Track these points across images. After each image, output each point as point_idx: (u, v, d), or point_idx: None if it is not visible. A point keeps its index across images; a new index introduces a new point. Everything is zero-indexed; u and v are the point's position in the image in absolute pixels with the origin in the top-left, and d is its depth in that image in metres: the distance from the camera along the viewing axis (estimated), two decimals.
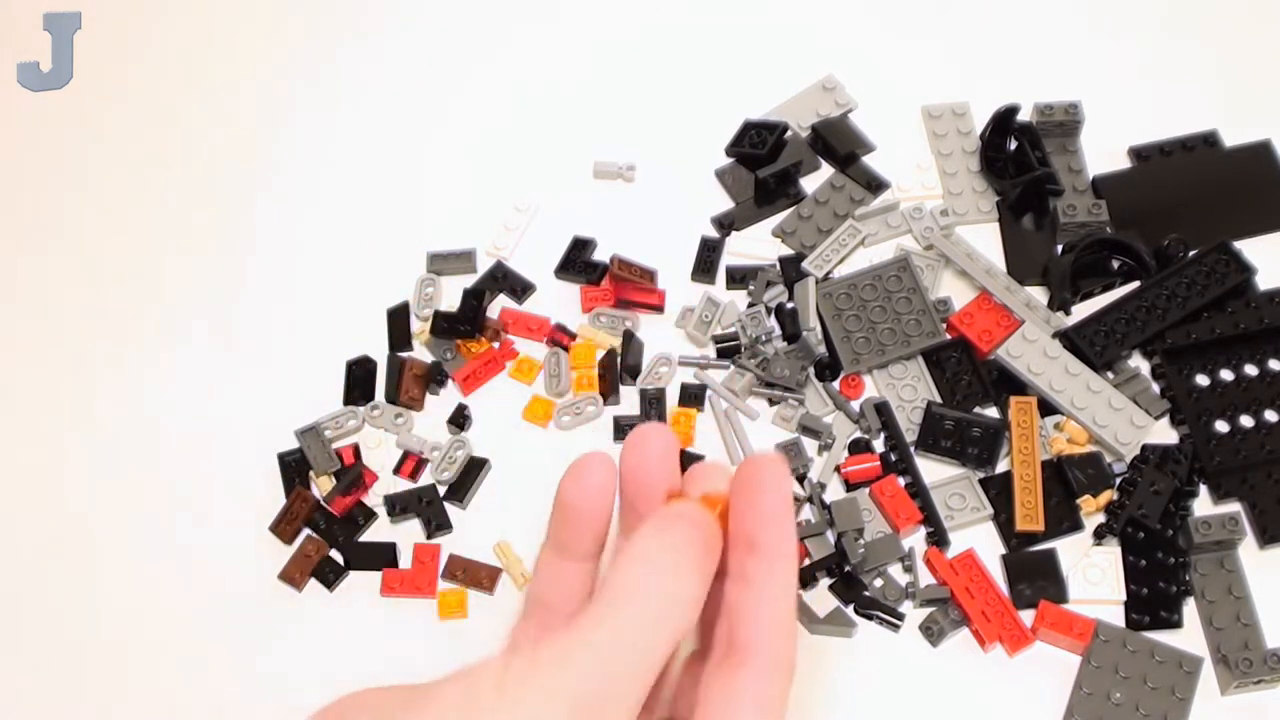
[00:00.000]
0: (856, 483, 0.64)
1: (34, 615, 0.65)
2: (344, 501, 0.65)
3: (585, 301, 0.70)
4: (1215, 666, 0.60)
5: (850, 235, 0.71)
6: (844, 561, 0.62)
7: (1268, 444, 0.64)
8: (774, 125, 0.74)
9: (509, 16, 0.81)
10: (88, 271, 0.74)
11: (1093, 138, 0.74)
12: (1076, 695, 0.59)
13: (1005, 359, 0.66)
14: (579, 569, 0.39)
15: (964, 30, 0.79)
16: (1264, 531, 0.62)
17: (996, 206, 0.72)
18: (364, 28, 0.82)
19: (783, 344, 0.68)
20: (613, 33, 0.80)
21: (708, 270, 0.71)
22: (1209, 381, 0.66)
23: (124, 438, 0.69)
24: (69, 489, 0.68)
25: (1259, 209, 0.71)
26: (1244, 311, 0.67)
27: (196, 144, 0.78)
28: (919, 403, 0.66)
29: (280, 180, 0.76)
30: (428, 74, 0.79)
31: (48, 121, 0.79)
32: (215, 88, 0.80)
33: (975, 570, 0.62)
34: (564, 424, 0.67)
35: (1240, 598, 0.61)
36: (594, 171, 0.75)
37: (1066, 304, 0.68)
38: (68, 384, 0.70)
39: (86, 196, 0.76)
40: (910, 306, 0.68)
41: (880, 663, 0.61)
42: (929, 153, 0.74)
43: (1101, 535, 0.63)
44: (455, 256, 0.72)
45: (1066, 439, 0.65)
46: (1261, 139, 0.73)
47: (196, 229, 0.75)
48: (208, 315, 0.72)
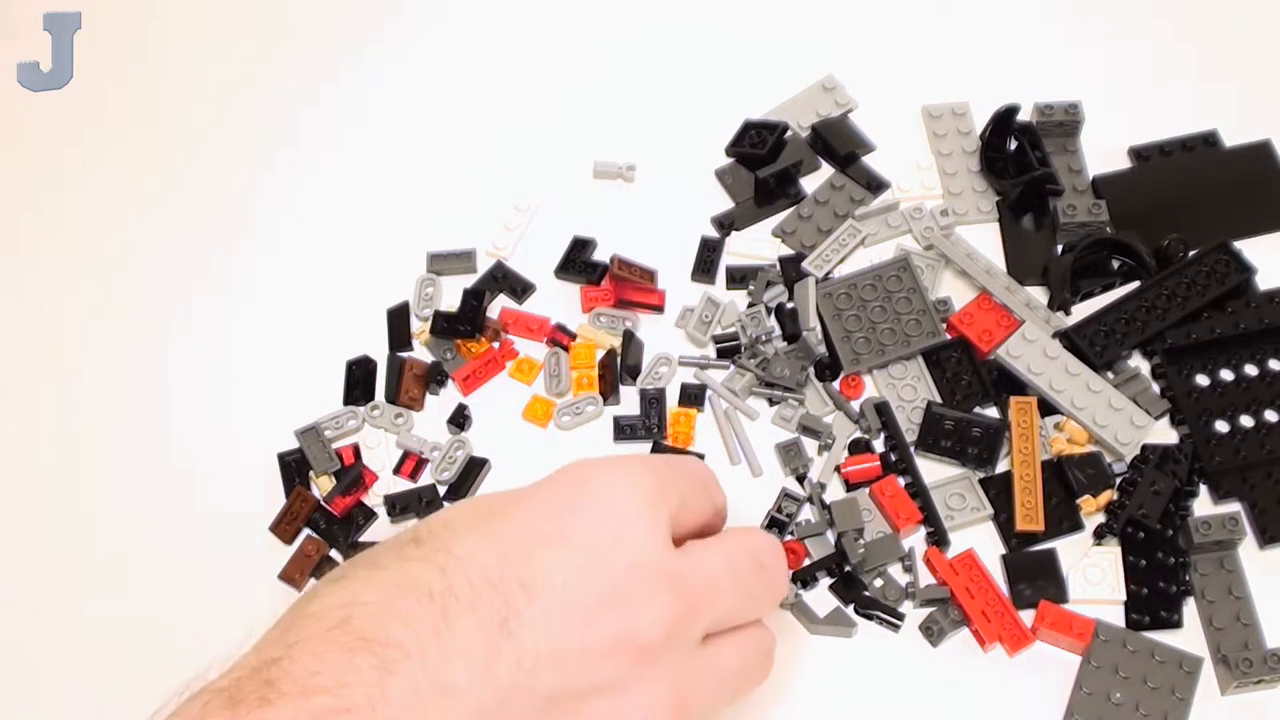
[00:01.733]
0: (856, 483, 0.64)
1: (32, 615, 0.65)
2: (344, 501, 0.65)
3: (585, 301, 0.70)
4: (1215, 666, 0.60)
5: (850, 235, 0.71)
6: (844, 561, 0.62)
7: (1268, 444, 0.64)
8: (774, 125, 0.74)
9: (509, 17, 0.81)
10: (87, 271, 0.74)
11: (1093, 138, 0.74)
12: (1076, 695, 0.59)
13: (1005, 359, 0.66)
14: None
15: (964, 30, 0.79)
16: (1264, 531, 0.62)
17: (996, 206, 0.72)
18: (363, 29, 0.82)
19: (783, 344, 0.68)
20: (613, 33, 0.80)
21: (708, 270, 0.71)
22: (1209, 381, 0.66)
23: (124, 438, 0.69)
24: (68, 489, 0.68)
25: (1259, 209, 0.71)
26: (1244, 311, 0.67)
27: (196, 144, 0.78)
28: (919, 403, 0.66)
29: (280, 180, 0.76)
30: (427, 74, 0.79)
31: (48, 121, 0.79)
32: (215, 88, 0.80)
33: (975, 570, 0.62)
34: (564, 424, 0.67)
35: (1240, 598, 0.61)
36: (594, 171, 0.75)
37: (1066, 304, 0.68)
38: (67, 384, 0.70)
39: (86, 197, 0.76)
40: (910, 306, 0.68)
41: (880, 663, 0.61)
42: (929, 153, 0.74)
43: (1101, 535, 0.63)
44: (455, 256, 0.72)
45: (1066, 439, 0.65)
46: (1261, 139, 0.73)
47: (196, 229, 0.75)
48: (207, 315, 0.72)
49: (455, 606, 0.43)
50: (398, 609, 0.43)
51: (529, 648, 0.43)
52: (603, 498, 0.46)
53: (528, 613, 0.43)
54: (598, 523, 0.46)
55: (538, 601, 0.43)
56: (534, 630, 0.43)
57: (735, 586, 0.48)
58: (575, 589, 0.44)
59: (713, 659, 0.48)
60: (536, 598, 0.43)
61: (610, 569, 0.45)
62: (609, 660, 0.44)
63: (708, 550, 0.48)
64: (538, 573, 0.44)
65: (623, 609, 0.44)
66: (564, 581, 0.44)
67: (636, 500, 0.46)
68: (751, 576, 0.49)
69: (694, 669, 0.47)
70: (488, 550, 0.44)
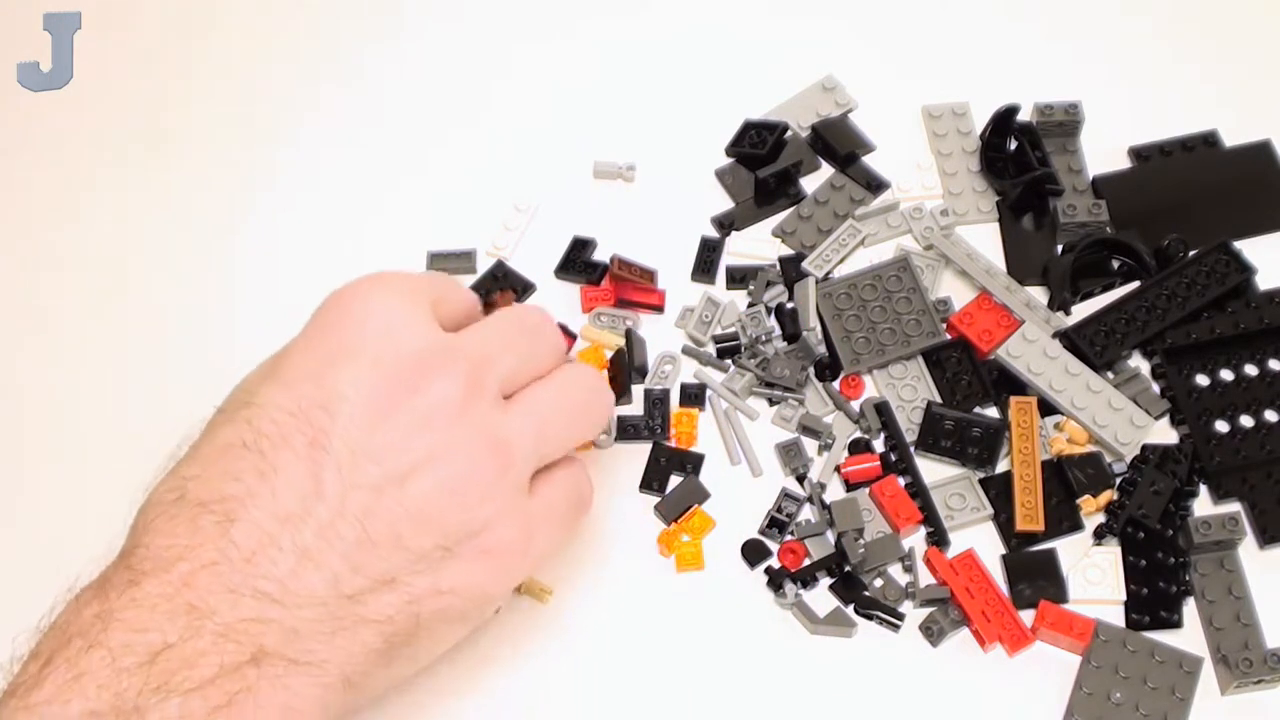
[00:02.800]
0: (856, 483, 0.64)
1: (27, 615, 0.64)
2: None
3: (585, 302, 0.70)
4: (1215, 666, 0.60)
5: (850, 235, 0.71)
6: (844, 561, 0.62)
7: (1268, 444, 0.64)
8: (774, 125, 0.74)
9: (509, 17, 0.81)
10: (87, 271, 0.74)
11: (1093, 138, 0.74)
12: (1076, 695, 0.59)
13: (1005, 359, 0.66)
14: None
15: (964, 30, 0.79)
16: (1264, 531, 0.62)
17: (996, 206, 0.72)
18: (363, 29, 0.82)
19: (783, 344, 0.68)
20: (613, 33, 0.80)
21: (708, 270, 0.71)
22: (1209, 381, 0.66)
23: (124, 438, 0.68)
24: (68, 489, 0.67)
25: (1259, 209, 0.71)
26: (1244, 311, 0.67)
27: (196, 145, 0.78)
28: (919, 403, 0.66)
29: (280, 180, 0.76)
30: (428, 74, 0.79)
31: (48, 121, 0.79)
32: (215, 89, 0.80)
33: (975, 570, 0.62)
34: (601, 443, 0.66)
35: (1240, 598, 0.61)
36: (594, 171, 0.75)
37: (1066, 304, 0.68)
38: (66, 385, 0.70)
39: (86, 197, 0.76)
40: (910, 306, 0.68)
41: (880, 663, 0.61)
42: (929, 153, 0.74)
43: (1101, 535, 0.63)
44: (455, 256, 0.72)
45: (1066, 439, 0.65)
46: (1261, 139, 0.73)
47: (196, 228, 0.75)
48: (207, 315, 0.72)
49: (268, 446, 0.47)
50: (222, 469, 0.47)
51: (344, 453, 0.47)
52: (362, 305, 0.51)
53: (332, 426, 0.47)
54: (364, 326, 0.50)
55: (338, 413, 0.48)
56: (343, 438, 0.47)
57: (506, 345, 0.52)
58: (365, 388, 0.48)
59: (542, 499, 0.52)
60: (335, 410, 0.48)
61: (390, 360, 0.49)
62: (418, 435, 0.48)
63: (474, 327, 0.53)
64: (328, 388, 0.48)
65: (414, 389, 0.49)
66: (353, 386, 0.48)
67: (393, 297, 0.51)
68: (523, 337, 0.54)
69: (529, 505, 0.51)
70: (279, 390, 0.49)
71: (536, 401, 0.52)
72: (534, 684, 0.61)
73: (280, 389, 0.49)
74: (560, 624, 0.62)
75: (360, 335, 0.50)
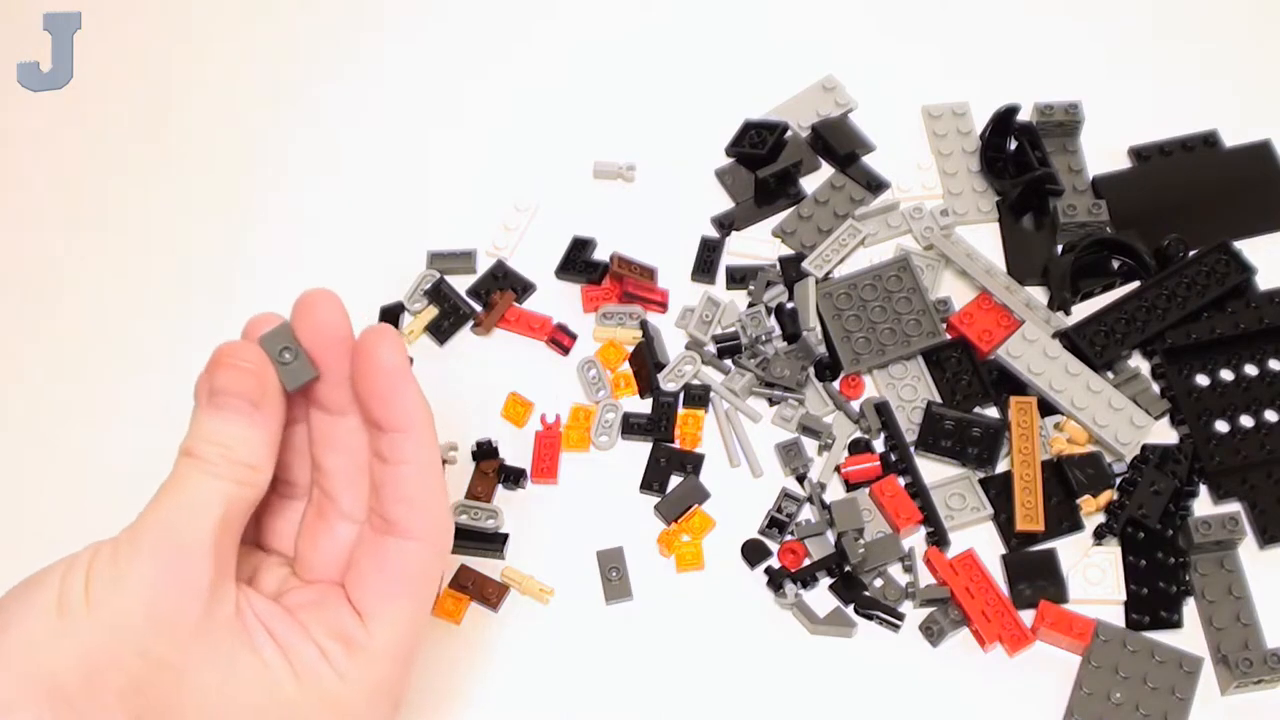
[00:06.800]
0: (856, 483, 0.64)
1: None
2: None
3: (586, 301, 0.70)
4: (1215, 666, 0.60)
5: (850, 235, 0.71)
6: (844, 561, 0.62)
7: (1268, 444, 0.64)
8: (774, 125, 0.74)
9: (509, 16, 0.81)
10: (87, 271, 0.74)
11: (1093, 138, 0.74)
12: (1076, 695, 0.59)
13: (1005, 359, 0.66)
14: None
15: (964, 30, 0.79)
16: (1264, 531, 0.63)
17: (996, 206, 0.72)
18: (363, 29, 0.82)
19: (783, 344, 0.68)
20: (613, 32, 0.80)
21: (708, 270, 0.71)
22: (1209, 381, 0.66)
23: (123, 438, 0.69)
24: (68, 489, 0.67)
25: (1259, 209, 0.71)
26: (1244, 311, 0.67)
27: (197, 144, 0.78)
28: (919, 403, 0.66)
29: (280, 180, 0.76)
30: (428, 74, 0.79)
31: (48, 121, 0.79)
32: (215, 88, 0.80)
33: (975, 570, 0.62)
34: (602, 444, 0.67)
35: (1240, 598, 0.61)
36: (594, 171, 0.75)
37: (1066, 304, 0.68)
38: (66, 384, 0.70)
39: (86, 197, 0.76)
40: (910, 306, 0.68)
41: (880, 663, 0.61)
42: (929, 153, 0.74)
43: (1101, 535, 0.63)
44: (455, 256, 0.72)
45: (1066, 439, 0.65)
46: (1261, 139, 0.73)
47: (196, 228, 0.75)
48: (208, 314, 0.72)
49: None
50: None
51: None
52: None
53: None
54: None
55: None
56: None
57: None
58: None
59: None
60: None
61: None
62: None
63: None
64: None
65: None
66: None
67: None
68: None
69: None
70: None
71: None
72: (534, 684, 0.61)
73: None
74: (560, 624, 0.62)
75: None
